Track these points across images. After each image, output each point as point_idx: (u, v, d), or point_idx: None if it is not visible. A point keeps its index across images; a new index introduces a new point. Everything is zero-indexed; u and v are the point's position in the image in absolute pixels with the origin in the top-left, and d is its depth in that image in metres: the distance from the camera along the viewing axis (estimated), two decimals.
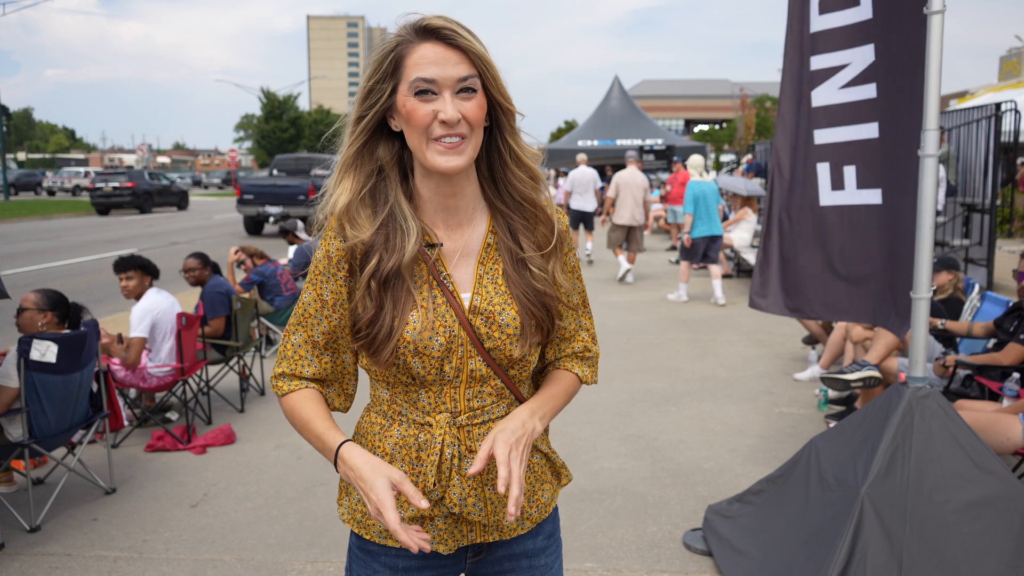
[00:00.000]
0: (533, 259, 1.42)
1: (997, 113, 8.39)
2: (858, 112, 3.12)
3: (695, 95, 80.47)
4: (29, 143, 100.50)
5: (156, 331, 4.97)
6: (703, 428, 5.03)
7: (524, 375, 1.48)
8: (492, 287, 1.41)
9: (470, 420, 1.41)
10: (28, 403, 3.64)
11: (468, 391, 1.41)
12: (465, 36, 1.31)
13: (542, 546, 1.55)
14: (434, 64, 1.30)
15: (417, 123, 1.31)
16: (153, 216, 27.52)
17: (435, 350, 1.36)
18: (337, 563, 3.35)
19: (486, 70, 1.33)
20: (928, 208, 2.74)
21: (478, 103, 1.33)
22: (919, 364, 2.82)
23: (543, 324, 1.42)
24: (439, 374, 1.38)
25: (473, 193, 1.44)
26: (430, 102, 1.31)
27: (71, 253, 15.40)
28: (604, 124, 26.84)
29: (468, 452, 1.41)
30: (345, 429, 1.42)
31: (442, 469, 1.39)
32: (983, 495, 2.64)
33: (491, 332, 1.39)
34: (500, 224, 1.44)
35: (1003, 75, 19.64)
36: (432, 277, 1.39)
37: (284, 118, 62.08)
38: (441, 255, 1.41)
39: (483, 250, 1.43)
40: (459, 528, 1.44)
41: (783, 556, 2.93)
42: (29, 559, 3.42)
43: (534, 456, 1.51)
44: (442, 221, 1.43)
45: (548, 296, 1.42)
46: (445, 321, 1.37)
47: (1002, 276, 8.72)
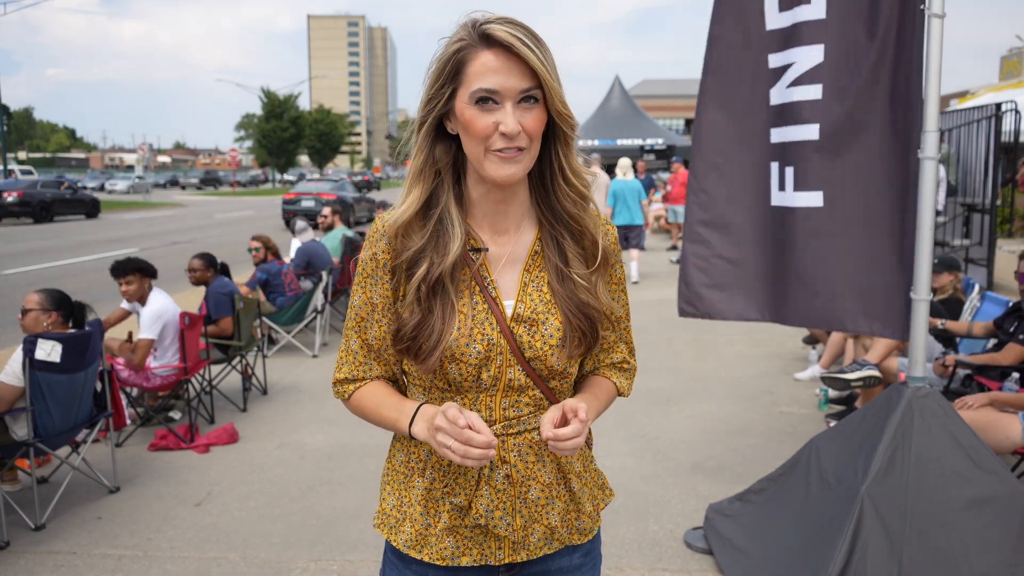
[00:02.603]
0: (578, 271, 1.40)
1: (997, 113, 8.40)
2: (801, 112, 3.05)
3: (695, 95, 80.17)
4: (30, 143, 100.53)
5: (164, 333, 4.99)
6: (704, 427, 5.04)
7: (565, 386, 1.44)
8: (537, 295, 1.39)
9: (505, 430, 1.37)
10: (33, 402, 3.66)
11: (505, 400, 1.37)
12: (530, 46, 1.26)
13: (579, 563, 1.50)
14: (497, 74, 1.26)
15: (477, 133, 1.29)
16: (154, 216, 27.53)
17: (472, 357, 1.33)
18: (340, 562, 3.37)
19: (549, 82, 1.28)
20: (928, 209, 2.76)
21: (538, 115, 1.30)
22: (919, 364, 2.84)
23: (586, 336, 1.39)
24: (476, 381, 1.35)
25: (523, 201, 1.42)
26: (491, 112, 1.28)
27: (72, 253, 15.42)
28: (605, 124, 26.80)
29: (501, 463, 1.37)
30: (383, 438, 1.42)
31: (468, 476, 1.37)
32: (983, 494, 2.66)
33: (533, 341, 1.36)
34: (547, 234, 1.42)
35: (1003, 75, 19.64)
36: (475, 282, 1.37)
37: (285, 117, 62.07)
38: (486, 260, 1.39)
39: (529, 258, 1.41)
40: (488, 542, 1.40)
41: (783, 555, 2.94)
42: (34, 557, 3.44)
43: (582, 467, 1.48)
44: (489, 226, 1.41)
45: (592, 308, 1.39)
46: (484, 329, 1.35)
47: (1002, 276, 8.73)
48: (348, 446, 4.74)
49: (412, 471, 1.43)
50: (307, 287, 7.41)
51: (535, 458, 1.40)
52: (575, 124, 1.36)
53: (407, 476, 1.44)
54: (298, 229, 8.12)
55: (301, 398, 5.85)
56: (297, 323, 7.15)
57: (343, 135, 77.13)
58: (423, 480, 1.41)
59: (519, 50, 1.25)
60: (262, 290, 7.04)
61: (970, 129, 8.89)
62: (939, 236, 8.64)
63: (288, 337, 7.06)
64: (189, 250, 15.42)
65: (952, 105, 13.54)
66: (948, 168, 8.99)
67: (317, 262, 7.66)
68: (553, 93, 1.29)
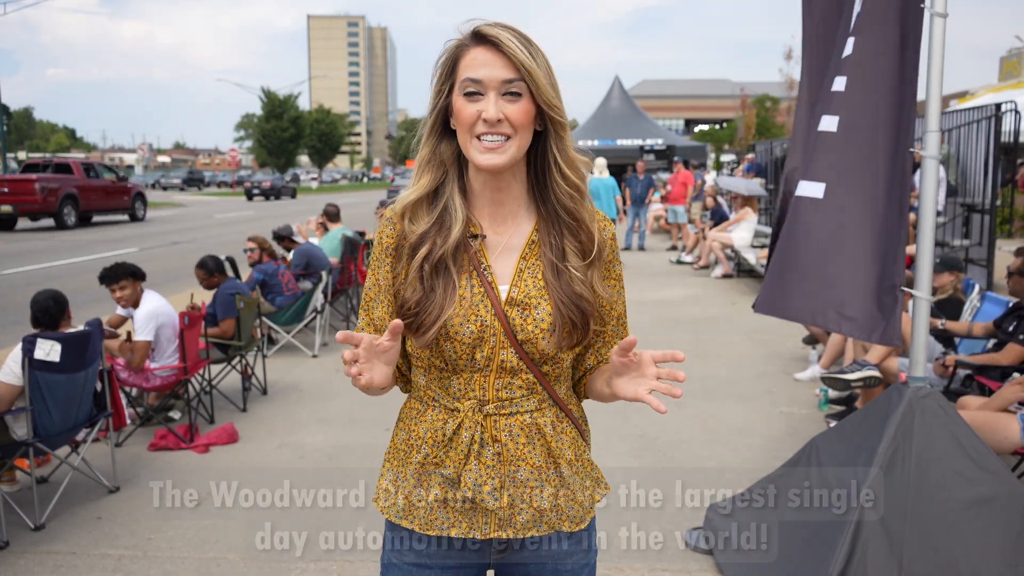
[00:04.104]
0: (574, 263, 1.46)
1: (997, 113, 8.40)
2: (833, 103, 3.03)
3: (695, 95, 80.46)
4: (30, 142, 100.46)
5: (161, 333, 4.98)
6: (704, 427, 5.04)
7: (558, 372, 1.50)
8: (531, 281, 1.46)
9: (498, 410, 1.45)
10: (32, 402, 3.65)
11: (498, 381, 1.44)
12: (515, 43, 1.37)
13: (569, 550, 1.54)
14: (483, 66, 1.38)
15: (464, 121, 1.40)
16: (154, 216, 27.53)
17: (466, 336, 1.41)
18: (340, 562, 3.37)
19: (533, 73, 1.38)
20: (929, 209, 2.76)
21: (523, 107, 1.39)
22: (919, 364, 2.84)
23: (577, 327, 1.44)
24: (470, 361, 1.43)
25: (520, 192, 1.50)
26: (476, 102, 1.39)
27: (71, 253, 15.41)
28: (605, 124, 26.82)
29: (492, 440, 1.44)
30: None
31: (459, 449, 1.43)
32: (983, 494, 2.66)
33: (525, 324, 1.43)
34: (544, 226, 1.49)
35: (1003, 75, 19.66)
36: (473, 267, 1.45)
37: (284, 117, 62.13)
38: (483, 246, 1.47)
39: (527, 246, 1.49)
40: (476, 516, 1.47)
41: (784, 555, 2.94)
42: (34, 557, 3.44)
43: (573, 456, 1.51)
44: (489, 215, 1.49)
45: (585, 300, 1.45)
46: (478, 311, 1.42)
47: (1002, 276, 8.70)
48: (348, 446, 4.74)
49: (411, 448, 1.50)
50: (307, 287, 7.42)
51: (526, 440, 1.46)
52: (564, 118, 1.44)
53: (406, 453, 1.51)
54: (293, 234, 8.23)
55: (301, 398, 5.85)
56: (297, 323, 7.15)
57: (343, 135, 77.19)
58: (419, 455, 1.48)
59: (504, 46, 1.37)
60: (260, 290, 7.04)
61: (970, 129, 8.88)
62: (939, 236, 8.64)
63: (288, 337, 7.06)
64: (189, 250, 15.43)
65: (952, 105, 13.54)
66: (948, 169, 9.00)
67: (315, 263, 7.67)
68: (539, 85, 1.39)
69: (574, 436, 1.53)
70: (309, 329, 7.55)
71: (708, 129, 72.15)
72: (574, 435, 1.53)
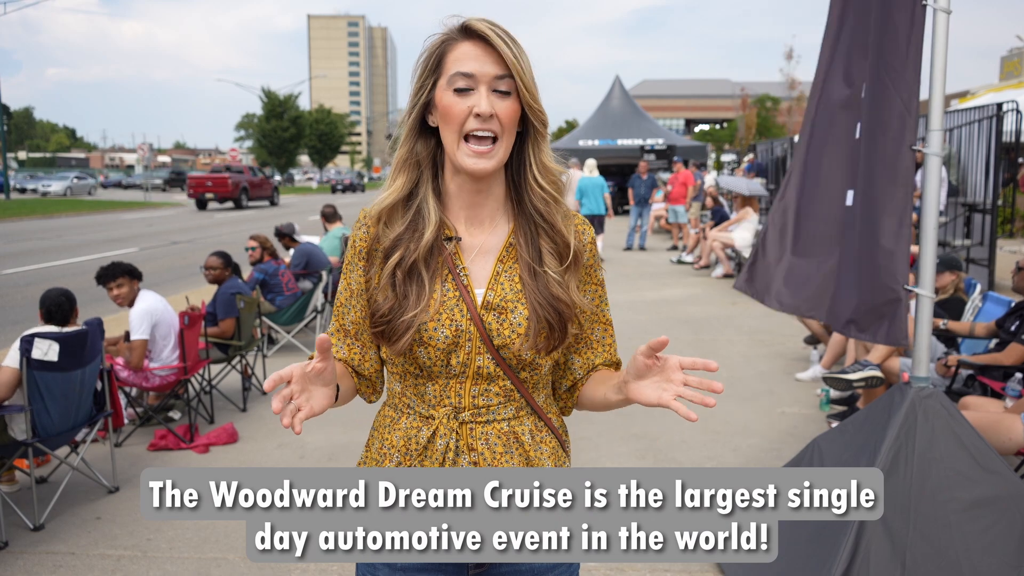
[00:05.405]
0: (551, 266, 1.42)
1: (998, 113, 8.40)
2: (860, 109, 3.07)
3: (696, 95, 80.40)
4: (30, 142, 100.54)
5: (157, 332, 4.96)
6: (705, 428, 5.03)
7: (535, 378, 1.45)
8: (508, 284, 1.42)
9: (474, 417, 1.40)
10: (31, 402, 3.64)
11: (474, 388, 1.40)
12: (504, 40, 1.35)
13: (550, 564, 1.47)
14: (473, 60, 1.35)
15: (453, 118, 1.36)
16: (153, 216, 27.52)
17: (440, 342, 1.37)
18: (340, 562, 3.36)
19: (519, 75, 1.36)
20: (932, 207, 2.74)
21: (511, 106, 1.37)
22: (922, 364, 2.82)
23: (554, 330, 1.40)
24: (445, 367, 1.39)
25: (498, 197, 1.46)
26: (467, 97, 1.35)
27: (72, 252, 15.40)
28: (605, 124, 26.79)
29: (468, 449, 1.39)
30: (366, 422, 1.43)
31: (433, 458, 1.39)
32: (986, 495, 2.65)
33: (501, 329, 1.38)
34: (521, 229, 1.45)
35: (1004, 75, 19.64)
36: (447, 270, 1.41)
37: (285, 117, 62.01)
38: (459, 249, 1.43)
39: (504, 249, 1.45)
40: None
41: (786, 555, 2.93)
42: (33, 557, 3.43)
43: (553, 465, 1.47)
44: (465, 218, 1.46)
45: (562, 302, 1.41)
46: (453, 315, 1.38)
47: (1003, 276, 8.71)
48: (348, 446, 4.72)
49: (384, 456, 1.46)
50: (307, 287, 7.41)
51: (503, 449, 1.42)
52: (546, 120, 1.42)
53: (378, 462, 1.47)
54: (295, 233, 8.21)
55: None
56: (297, 323, 7.14)
57: (343, 135, 77.04)
58: (392, 464, 1.44)
59: (494, 41, 1.35)
60: (260, 290, 7.03)
61: (971, 129, 8.88)
62: (940, 236, 8.62)
63: (288, 337, 7.05)
64: (189, 250, 15.42)
65: (953, 105, 13.52)
66: (949, 168, 8.99)
67: (315, 262, 7.66)
68: (525, 85, 1.37)
69: (554, 447, 1.48)
70: (309, 329, 7.55)
71: (709, 129, 72.22)
72: (554, 445, 1.48)
